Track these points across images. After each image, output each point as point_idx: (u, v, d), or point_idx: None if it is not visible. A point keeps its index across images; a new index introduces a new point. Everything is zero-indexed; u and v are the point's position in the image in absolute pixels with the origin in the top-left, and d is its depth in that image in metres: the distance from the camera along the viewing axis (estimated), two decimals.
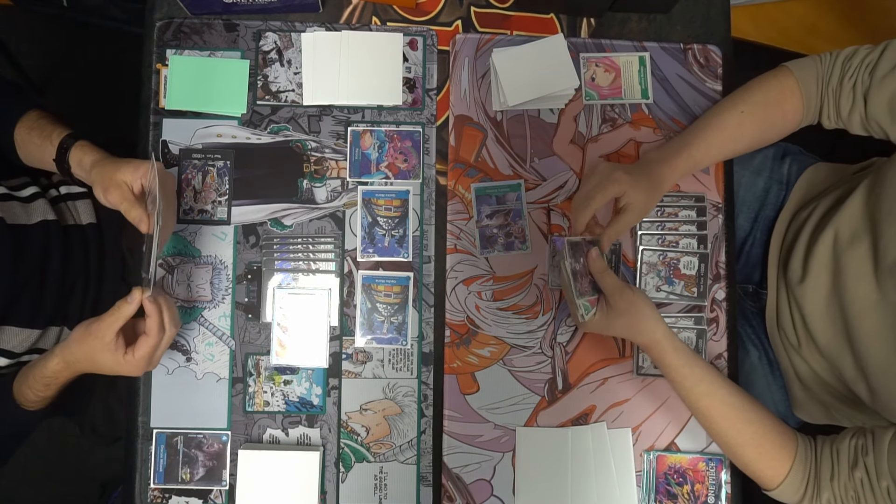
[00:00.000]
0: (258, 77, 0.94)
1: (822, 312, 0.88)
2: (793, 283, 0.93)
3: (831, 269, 0.87)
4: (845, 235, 0.85)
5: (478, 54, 0.95)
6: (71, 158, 0.84)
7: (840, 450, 0.76)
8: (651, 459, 0.90)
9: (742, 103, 0.87)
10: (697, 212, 0.93)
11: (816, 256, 0.88)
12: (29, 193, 0.92)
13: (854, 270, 0.82)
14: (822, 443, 0.78)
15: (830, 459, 0.76)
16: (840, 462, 0.75)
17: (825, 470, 0.76)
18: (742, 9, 1.32)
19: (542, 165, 0.94)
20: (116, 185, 0.79)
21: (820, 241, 0.88)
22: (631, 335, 0.81)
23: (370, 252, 0.91)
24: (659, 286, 0.92)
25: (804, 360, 0.95)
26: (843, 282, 0.84)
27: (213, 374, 0.90)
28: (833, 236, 0.87)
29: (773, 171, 1.07)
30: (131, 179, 0.80)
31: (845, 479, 0.75)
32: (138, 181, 0.80)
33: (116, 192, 0.79)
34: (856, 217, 0.84)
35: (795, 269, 0.93)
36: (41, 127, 0.87)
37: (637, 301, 0.79)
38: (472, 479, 0.89)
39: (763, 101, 0.86)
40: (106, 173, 0.80)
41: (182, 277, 0.91)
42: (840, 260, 0.85)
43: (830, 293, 0.87)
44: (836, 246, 0.86)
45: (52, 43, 1.74)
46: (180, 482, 0.88)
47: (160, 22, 0.94)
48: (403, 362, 0.90)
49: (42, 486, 1.60)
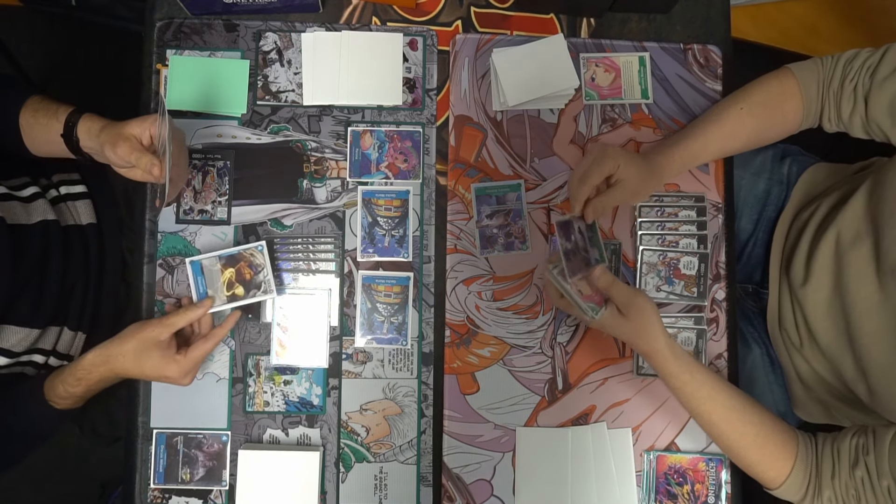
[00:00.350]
0: (258, 77, 0.94)
1: (823, 313, 0.88)
2: (795, 285, 0.93)
3: (833, 270, 0.87)
4: (847, 237, 0.85)
5: (478, 54, 0.95)
6: (79, 130, 0.84)
7: (841, 448, 0.76)
8: (651, 459, 0.90)
9: (742, 101, 0.87)
10: (697, 212, 0.93)
11: (818, 258, 0.88)
12: (29, 193, 0.92)
13: (856, 272, 0.82)
14: (822, 441, 0.79)
15: (831, 458, 0.76)
16: (841, 461, 0.76)
17: (826, 468, 0.76)
18: (742, 9, 1.32)
19: (542, 165, 0.94)
20: (125, 139, 0.80)
21: (822, 242, 0.88)
22: (633, 340, 0.81)
23: (370, 252, 0.91)
24: (659, 286, 0.92)
25: (805, 359, 0.95)
26: (845, 283, 0.84)
27: (213, 374, 0.90)
28: (835, 237, 0.87)
29: (774, 172, 1.07)
30: (139, 132, 0.80)
31: (846, 477, 0.75)
32: (146, 132, 0.81)
33: (125, 144, 0.79)
34: (857, 218, 0.84)
35: (798, 270, 0.93)
36: (45, 107, 0.87)
37: (646, 309, 0.78)
38: (472, 479, 0.89)
39: (763, 100, 0.87)
40: (114, 130, 0.81)
41: (182, 277, 0.91)
42: (842, 261, 0.85)
43: (832, 294, 0.87)
44: (838, 247, 0.86)
45: (52, 43, 1.74)
46: (180, 482, 0.88)
47: (160, 22, 0.94)
48: (403, 362, 0.90)
49: (42, 486, 1.60)
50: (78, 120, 0.85)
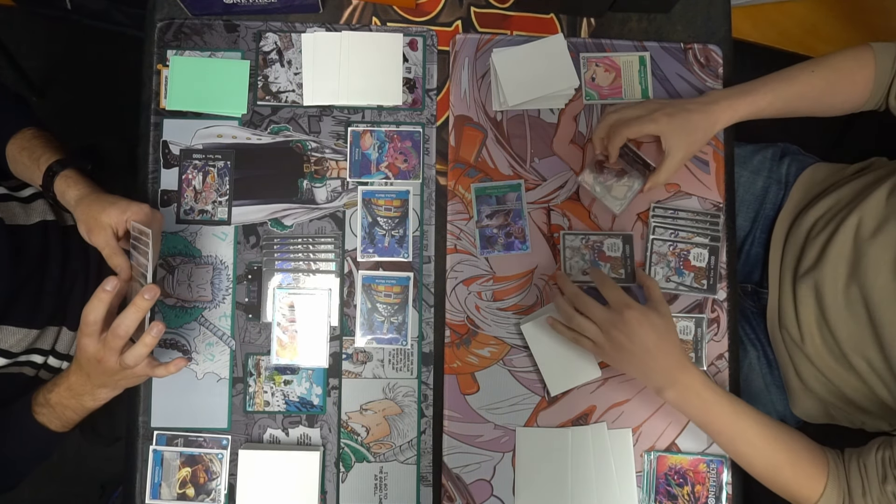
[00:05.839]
0: (258, 77, 0.94)
1: (840, 304, 0.87)
2: (809, 278, 0.92)
3: (850, 261, 0.86)
4: (869, 226, 0.85)
5: (478, 54, 0.95)
6: (55, 188, 0.83)
7: (867, 464, 0.75)
8: (651, 460, 0.89)
9: (815, 65, 0.88)
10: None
11: (835, 247, 0.88)
12: (28, 194, 0.92)
13: (875, 260, 0.82)
14: (848, 457, 0.78)
15: (859, 474, 0.76)
16: (869, 477, 0.75)
17: (855, 486, 0.75)
18: (741, 10, 1.32)
19: (542, 165, 0.94)
20: (101, 227, 0.78)
21: (840, 232, 0.88)
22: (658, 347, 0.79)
23: (370, 252, 0.91)
24: (668, 276, 0.92)
25: (806, 356, 0.95)
26: (862, 271, 0.84)
27: (213, 374, 0.90)
28: (855, 227, 0.87)
29: (772, 171, 1.07)
30: (116, 223, 0.79)
31: (877, 493, 0.74)
32: (123, 224, 0.79)
33: (101, 234, 0.78)
34: (878, 208, 0.85)
35: (811, 261, 0.92)
36: (32, 148, 0.86)
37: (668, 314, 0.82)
38: (472, 479, 0.89)
39: (836, 65, 0.87)
40: (91, 213, 0.79)
41: (182, 277, 0.91)
42: (860, 249, 0.85)
43: (847, 283, 0.86)
44: (857, 237, 0.86)
45: (52, 44, 1.74)
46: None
47: (161, 23, 0.94)
48: (403, 362, 0.90)
49: (42, 486, 1.60)
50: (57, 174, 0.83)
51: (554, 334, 0.88)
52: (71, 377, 0.81)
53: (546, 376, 0.89)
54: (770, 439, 0.78)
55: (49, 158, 0.84)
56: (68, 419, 0.84)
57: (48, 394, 0.82)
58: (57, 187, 0.83)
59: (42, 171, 0.84)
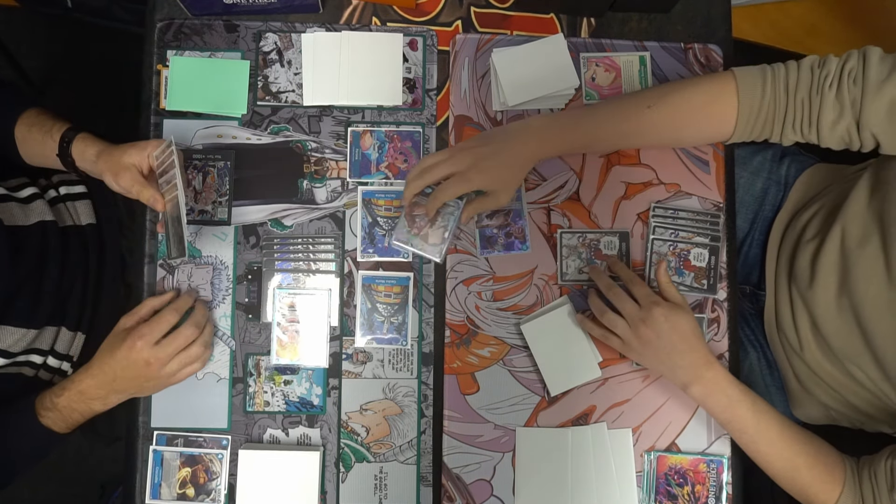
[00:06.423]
0: (258, 78, 0.94)
1: (833, 314, 0.87)
2: (801, 286, 0.92)
3: (839, 270, 0.86)
4: (854, 236, 0.84)
5: (478, 54, 0.95)
6: (73, 151, 0.85)
7: (877, 472, 0.76)
8: (651, 460, 0.89)
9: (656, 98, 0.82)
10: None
11: (823, 257, 0.87)
12: (27, 194, 0.92)
13: (864, 271, 0.82)
14: (861, 465, 0.78)
15: (870, 482, 0.76)
16: (879, 485, 0.75)
17: (867, 494, 0.76)
18: (741, 10, 1.32)
19: (542, 165, 0.94)
20: (126, 169, 0.81)
21: (827, 242, 0.87)
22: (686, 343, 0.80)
23: (370, 252, 0.91)
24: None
25: (805, 362, 0.95)
26: (852, 282, 0.83)
27: (213, 374, 0.90)
28: (840, 236, 0.86)
29: (772, 172, 1.07)
30: (139, 161, 0.81)
31: (887, 502, 0.74)
32: (146, 161, 0.81)
33: (126, 175, 0.80)
34: (862, 217, 0.83)
35: (803, 270, 0.92)
36: (41, 123, 0.87)
37: None
38: (472, 479, 0.89)
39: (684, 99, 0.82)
40: (113, 159, 0.82)
41: (183, 278, 0.91)
42: (848, 261, 0.84)
43: (839, 294, 0.86)
44: (843, 246, 0.85)
45: (52, 44, 1.74)
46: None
47: (161, 23, 0.94)
48: (403, 362, 0.90)
49: (42, 486, 1.60)
50: (73, 139, 0.85)
51: (554, 334, 0.88)
52: (85, 381, 0.82)
53: (546, 376, 0.89)
54: (791, 441, 0.79)
55: (61, 128, 0.86)
56: (74, 421, 0.85)
57: (56, 398, 0.83)
58: (75, 149, 0.85)
59: (56, 140, 0.85)
